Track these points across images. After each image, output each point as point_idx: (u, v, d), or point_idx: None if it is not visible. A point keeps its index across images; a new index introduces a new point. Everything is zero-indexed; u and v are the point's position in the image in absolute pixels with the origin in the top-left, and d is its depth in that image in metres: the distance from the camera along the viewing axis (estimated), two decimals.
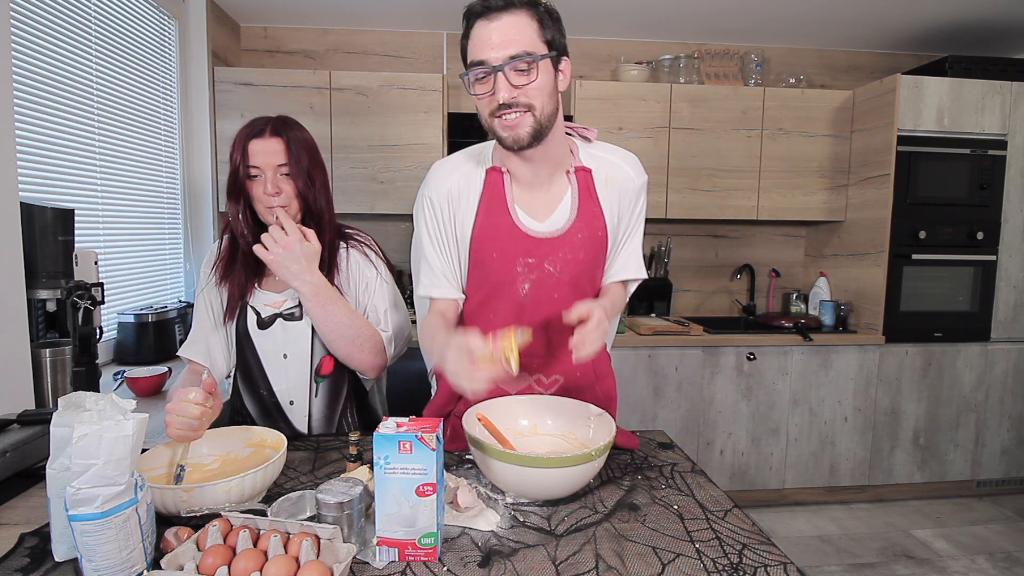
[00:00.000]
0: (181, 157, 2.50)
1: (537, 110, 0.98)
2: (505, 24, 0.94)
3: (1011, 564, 2.32)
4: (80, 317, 1.43)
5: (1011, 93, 2.66)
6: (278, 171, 1.14)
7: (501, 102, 0.97)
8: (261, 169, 1.13)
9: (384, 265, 1.30)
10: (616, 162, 1.15)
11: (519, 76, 0.95)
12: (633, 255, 1.19)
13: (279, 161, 1.14)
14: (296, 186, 1.16)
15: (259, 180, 1.14)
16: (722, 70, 3.04)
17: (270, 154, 1.13)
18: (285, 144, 1.14)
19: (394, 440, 0.77)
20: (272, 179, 1.14)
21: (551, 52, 0.97)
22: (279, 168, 1.14)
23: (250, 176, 1.14)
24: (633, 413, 2.64)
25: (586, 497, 0.99)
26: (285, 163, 1.14)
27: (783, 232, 3.31)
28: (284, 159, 1.14)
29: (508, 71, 0.95)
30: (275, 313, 1.23)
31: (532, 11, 0.95)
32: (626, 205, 1.15)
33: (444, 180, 1.13)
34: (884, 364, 2.74)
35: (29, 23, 1.60)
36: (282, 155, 1.14)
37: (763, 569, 0.79)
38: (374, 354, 1.22)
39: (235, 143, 1.15)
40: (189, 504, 0.83)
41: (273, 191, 1.13)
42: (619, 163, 1.15)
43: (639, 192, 1.16)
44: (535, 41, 0.95)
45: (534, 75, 0.96)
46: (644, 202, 1.18)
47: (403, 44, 2.99)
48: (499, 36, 0.94)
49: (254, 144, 1.13)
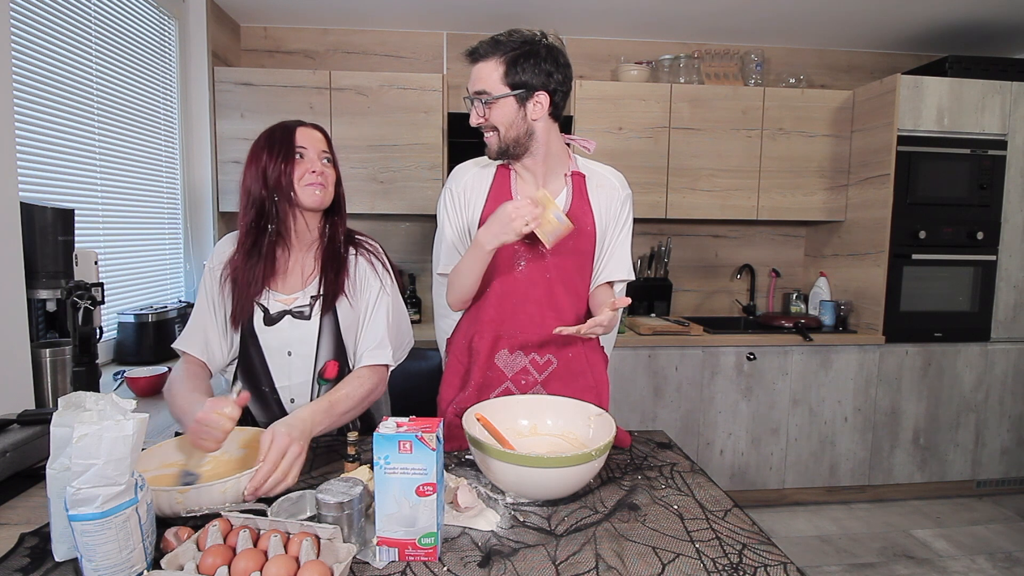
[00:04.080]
0: (181, 157, 2.50)
1: (501, 133, 1.24)
2: (478, 68, 1.23)
3: (1011, 564, 2.32)
4: (80, 317, 1.43)
5: (1011, 93, 2.66)
6: (322, 156, 1.23)
7: (473, 125, 1.27)
8: (307, 150, 1.21)
9: (388, 276, 1.31)
10: (605, 175, 1.37)
11: (483, 108, 1.23)
12: (623, 259, 1.35)
13: (322, 147, 1.23)
14: (336, 174, 1.26)
15: (303, 161, 1.20)
16: (722, 70, 3.04)
17: (315, 140, 1.22)
18: (325, 136, 1.26)
19: (394, 440, 0.77)
20: (316, 160, 1.21)
21: (514, 91, 1.20)
22: (323, 153, 1.23)
23: (296, 155, 1.19)
24: (633, 413, 2.64)
25: (586, 497, 0.99)
26: (327, 151, 1.24)
27: (783, 232, 3.31)
28: (326, 147, 1.24)
29: (477, 103, 1.23)
30: (284, 310, 1.23)
31: (501, 58, 1.20)
32: (613, 211, 1.34)
33: (463, 175, 1.36)
34: (884, 364, 2.74)
35: (29, 23, 1.60)
36: (324, 144, 1.24)
37: (763, 569, 0.79)
38: (379, 393, 1.26)
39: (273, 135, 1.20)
40: (185, 505, 0.83)
41: (320, 169, 1.20)
42: (608, 176, 1.37)
43: (624, 202, 1.36)
44: (496, 84, 1.21)
45: (495, 108, 1.22)
46: (629, 212, 1.37)
47: (403, 44, 2.99)
48: (474, 76, 1.24)
49: (301, 130, 1.22)
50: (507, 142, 1.25)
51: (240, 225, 1.22)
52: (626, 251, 1.35)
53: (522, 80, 1.20)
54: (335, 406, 1.11)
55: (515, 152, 1.26)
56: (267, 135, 1.22)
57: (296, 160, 1.19)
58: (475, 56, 1.23)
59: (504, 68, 1.20)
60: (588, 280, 1.35)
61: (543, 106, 1.23)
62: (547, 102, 1.23)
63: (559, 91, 1.23)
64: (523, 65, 1.19)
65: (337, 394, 1.14)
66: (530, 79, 1.20)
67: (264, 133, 1.23)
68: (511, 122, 1.23)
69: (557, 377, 1.33)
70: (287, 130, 1.21)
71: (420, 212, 2.70)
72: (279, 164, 1.17)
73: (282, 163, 1.18)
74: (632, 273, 1.36)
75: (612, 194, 1.34)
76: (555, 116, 1.27)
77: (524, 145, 1.26)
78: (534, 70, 1.19)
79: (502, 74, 1.20)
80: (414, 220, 3.05)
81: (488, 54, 1.21)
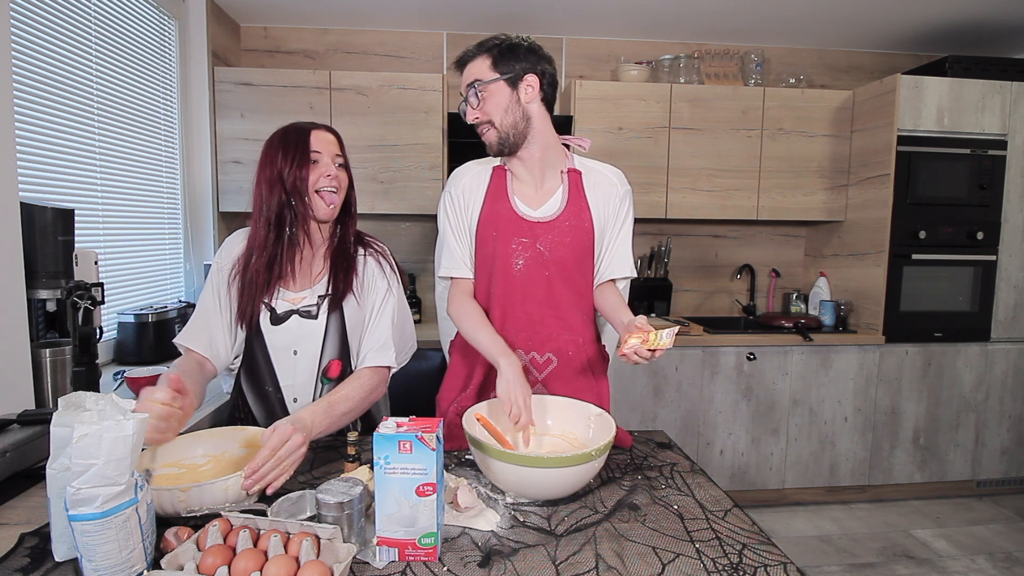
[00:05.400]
0: (181, 157, 2.50)
1: (496, 124, 1.26)
2: (467, 67, 1.28)
3: (1011, 564, 2.32)
4: (80, 317, 1.43)
5: (1011, 93, 2.66)
6: (335, 159, 1.23)
7: (469, 122, 1.29)
8: (321, 154, 1.21)
9: (396, 278, 1.33)
10: (603, 172, 1.37)
11: (477, 100, 1.26)
12: (624, 255, 1.35)
13: (336, 151, 1.24)
14: (348, 177, 1.27)
15: (317, 165, 1.20)
16: (722, 70, 3.04)
17: (329, 143, 1.23)
18: (338, 139, 1.26)
19: (394, 440, 0.77)
20: (330, 164, 1.22)
21: (504, 76, 1.24)
22: (336, 157, 1.23)
23: (310, 160, 1.19)
24: (633, 413, 2.64)
25: (586, 497, 0.99)
26: (340, 154, 1.25)
27: (783, 232, 3.31)
28: (339, 151, 1.25)
29: (471, 97, 1.26)
30: (292, 309, 1.24)
31: (486, 54, 1.25)
32: (612, 208, 1.34)
33: (461, 178, 1.37)
34: (884, 364, 2.74)
35: (29, 23, 1.60)
36: (337, 147, 1.25)
37: (763, 569, 0.79)
38: (379, 394, 1.27)
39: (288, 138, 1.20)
40: (187, 504, 0.83)
41: (335, 173, 1.21)
42: (606, 172, 1.37)
43: (623, 198, 1.35)
44: (486, 72, 1.25)
45: (488, 98, 1.25)
46: (629, 208, 1.36)
47: (403, 44, 2.99)
48: (464, 75, 1.28)
49: (315, 133, 1.22)
50: (505, 129, 1.26)
51: (254, 226, 1.22)
52: (627, 248, 1.35)
53: (510, 66, 1.24)
54: (334, 407, 1.12)
55: (515, 141, 1.27)
56: (281, 136, 1.21)
57: (311, 165, 1.20)
58: (463, 60, 1.29)
59: (491, 59, 1.25)
60: (590, 277, 1.35)
61: (534, 89, 1.26)
62: (537, 84, 1.26)
63: (547, 75, 1.27)
64: (508, 54, 1.25)
65: (336, 395, 1.14)
66: (517, 64, 1.25)
67: (278, 134, 1.22)
68: (506, 107, 1.25)
69: (558, 375, 1.33)
70: (302, 132, 1.21)
71: (420, 212, 2.70)
72: (294, 168, 1.17)
73: (297, 168, 1.18)
74: (634, 270, 1.36)
75: (610, 190, 1.34)
76: (548, 106, 1.29)
77: (522, 132, 1.27)
78: (519, 57, 1.25)
79: (490, 64, 1.25)
80: (414, 220, 3.05)
81: (474, 55, 1.27)
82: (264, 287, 1.21)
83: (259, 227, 1.20)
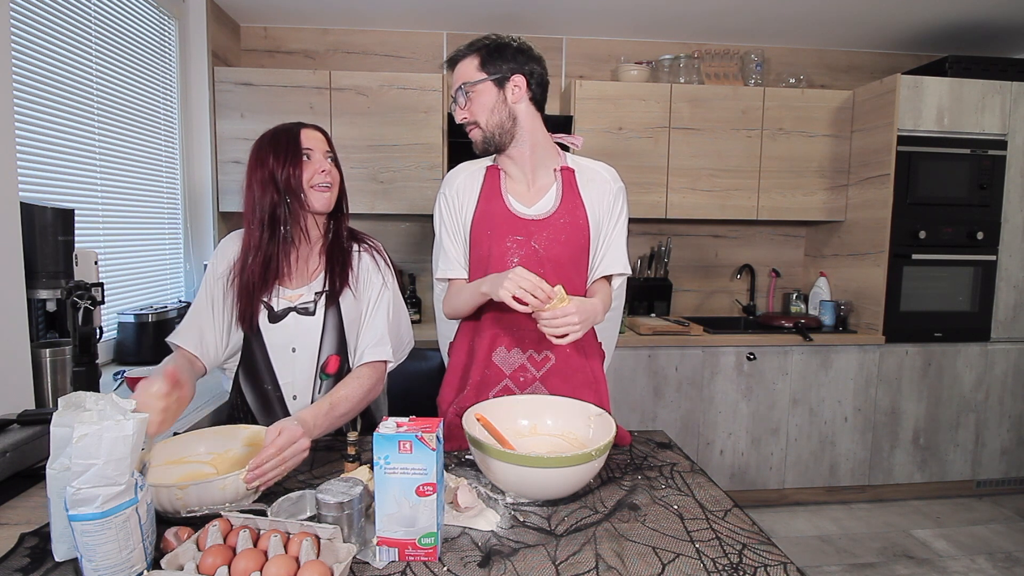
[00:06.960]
0: (181, 157, 2.50)
1: (482, 124, 1.28)
2: (457, 68, 1.30)
3: (1011, 564, 2.32)
4: (80, 317, 1.42)
5: (1011, 93, 2.66)
6: (326, 155, 1.25)
7: (457, 122, 1.32)
8: (312, 151, 1.23)
9: (390, 273, 1.34)
10: (597, 169, 1.37)
11: (465, 100, 1.28)
12: (618, 253, 1.35)
13: (326, 148, 1.26)
14: (339, 172, 1.29)
15: (309, 162, 1.22)
16: (722, 70, 3.04)
17: (318, 140, 1.25)
18: (326, 136, 1.28)
19: (394, 440, 0.77)
20: (322, 159, 1.24)
21: (491, 76, 1.25)
22: (327, 153, 1.26)
23: (303, 157, 1.21)
24: (633, 413, 2.64)
25: (586, 497, 0.99)
26: (330, 150, 1.27)
27: (783, 232, 3.31)
28: (328, 147, 1.27)
29: (460, 98, 1.28)
30: (290, 307, 1.25)
31: (475, 55, 1.27)
32: (606, 205, 1.34)
33: (454, 179, 1.38)
34: (884, 364, 2.74)
35: (29, 23, 1.60)
36: (326, 143, 1.27)
37: (763, 569, 0.79)
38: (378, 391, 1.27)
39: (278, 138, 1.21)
40: (185, 502, 0.83)
41: (328, 168, 1.24)
42: (599, 170, 1.37)
43: (617, 195, 1.35)
44: (474, 73, 1.26)
45: (475, 98, 1.27)
46: (623, 206, 1.37)
47: (403, 44, 2.99)
48: (455, 76, 1.30)
49: (305, 131, 1.24)
50: (490, 129, 1.27)
51: (247, 227, 1.22)
52: (622, 245, 1.36)
53: (497, 66, 1.26)
54: (335, 408, 1.13)
55: (500, 140, 1.28)
56: (271, 138, 1.22)
57: (304, 162, 1.21)
58: (454, 60, 1.30)
59: (479, 60, 1.26)
60: (585, 275, 1.35)
61: (521, 89, 1.27)
62: (524, 85, 1.27)
63: (535, 76, 1.28)
64: (496, 55, 1.26)
65: (337, 395, 1.15)
66: (504, 64, 1.26)
67: (267, 135, 1.23)
68: (492, 107, 1.26)
69: (556, 373, 1.33)
70: (291, 132, 1.22)
71: (420, 212, 2.70)
72: (287, 167, 1.19)
73: (290, 166, 1.19)
74: (628, 267, 1.37)
75: (604, 188, 1.34)
76: (537, 105, 1.30)
77: (509, 132, 1.28)
78: (507, 58, 1.26)
79: (478, 64, 1.26)
80: (414, 220, 3.05)
81: (464, 55, 1.28)
82: (262, 287, 1.22)
83: (253, 228, 1.21)
